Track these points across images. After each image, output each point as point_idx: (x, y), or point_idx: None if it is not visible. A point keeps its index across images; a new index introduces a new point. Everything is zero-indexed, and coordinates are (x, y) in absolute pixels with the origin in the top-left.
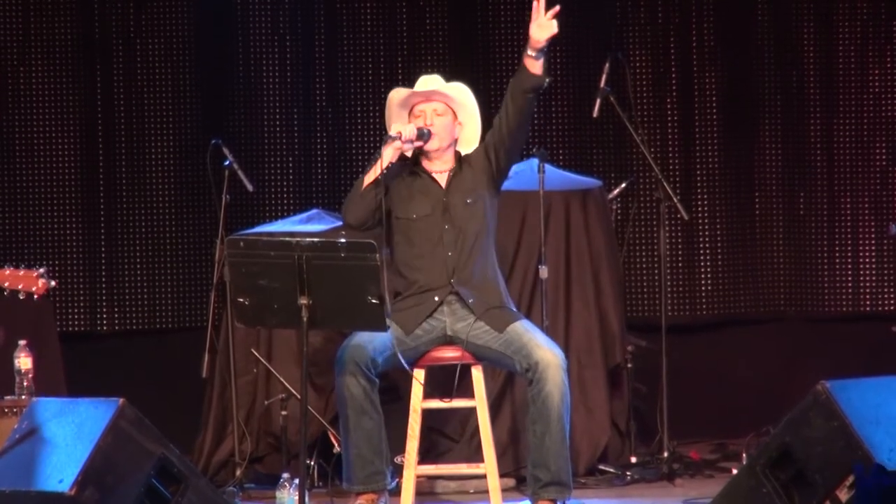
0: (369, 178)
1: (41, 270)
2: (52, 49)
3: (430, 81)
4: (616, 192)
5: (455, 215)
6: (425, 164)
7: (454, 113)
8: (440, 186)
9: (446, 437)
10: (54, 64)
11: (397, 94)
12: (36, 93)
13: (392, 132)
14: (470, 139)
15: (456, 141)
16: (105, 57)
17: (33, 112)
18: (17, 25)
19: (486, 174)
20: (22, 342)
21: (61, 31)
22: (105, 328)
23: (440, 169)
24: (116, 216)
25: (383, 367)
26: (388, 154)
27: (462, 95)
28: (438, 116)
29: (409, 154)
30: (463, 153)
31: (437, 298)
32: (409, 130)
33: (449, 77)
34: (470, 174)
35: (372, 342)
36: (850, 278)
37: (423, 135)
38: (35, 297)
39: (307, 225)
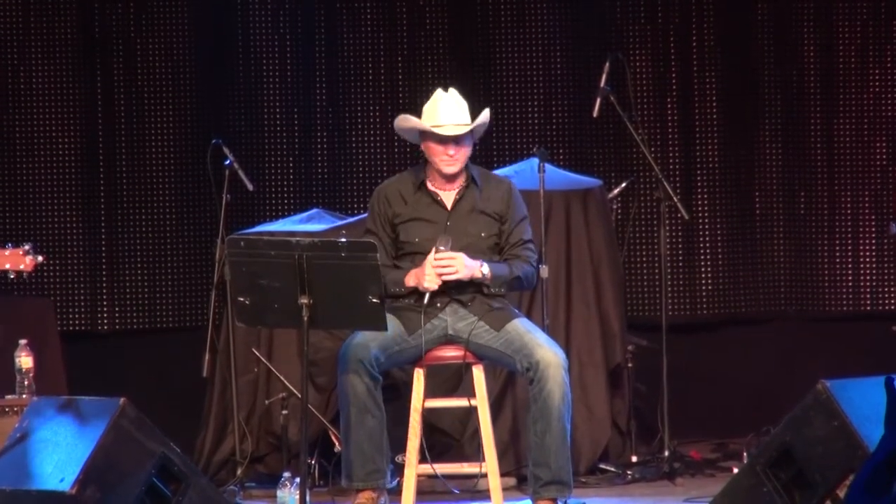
0: (410, 283)
1: (27, 247)
2: (52, 48)
3: (451, 110)
4: (616, 191)
5: (456, 233)
6: (434, 185)
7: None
8: (445, 209)
9: (447, 436)
10: (54, 63)
11: (415, 123)
12: (36, 92)
13: (426, 291)
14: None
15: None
16: (105, 56)
17: (34, 111)
18: (17, 24)
19: (493, 228)
20: (22, 341)
21: (61, 29)
22: (106, 327)
23: (449, 188)
24: (117, 215)
25: (387, 366)
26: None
27: (480, 122)
28: (462, 149)
29: None
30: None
31: (438, 305)
32: (433, 283)
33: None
34: (479, 202)
35: (376, 340)
36: (850, 277)
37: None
38: (24, 274)
39: (307, 224)
